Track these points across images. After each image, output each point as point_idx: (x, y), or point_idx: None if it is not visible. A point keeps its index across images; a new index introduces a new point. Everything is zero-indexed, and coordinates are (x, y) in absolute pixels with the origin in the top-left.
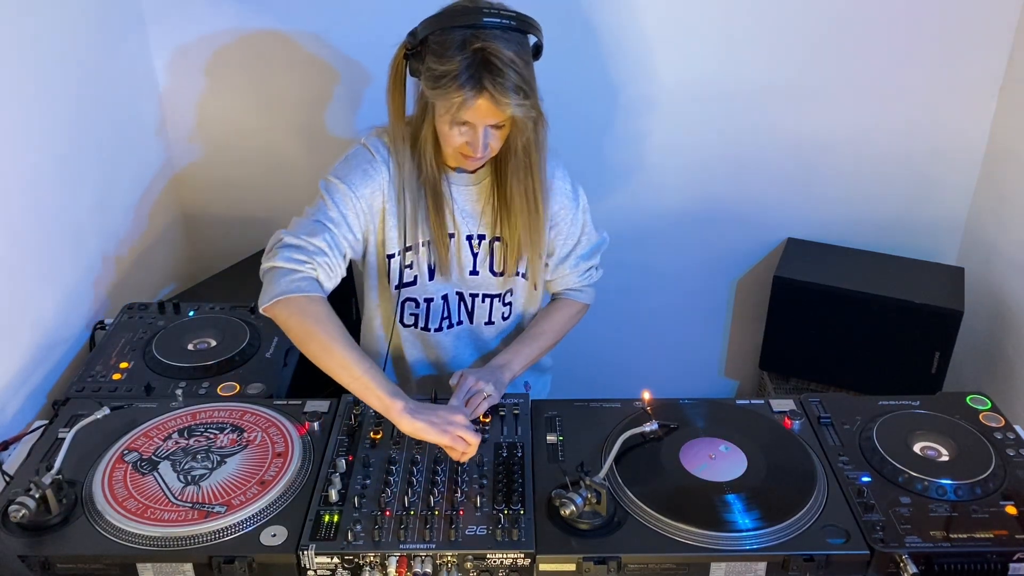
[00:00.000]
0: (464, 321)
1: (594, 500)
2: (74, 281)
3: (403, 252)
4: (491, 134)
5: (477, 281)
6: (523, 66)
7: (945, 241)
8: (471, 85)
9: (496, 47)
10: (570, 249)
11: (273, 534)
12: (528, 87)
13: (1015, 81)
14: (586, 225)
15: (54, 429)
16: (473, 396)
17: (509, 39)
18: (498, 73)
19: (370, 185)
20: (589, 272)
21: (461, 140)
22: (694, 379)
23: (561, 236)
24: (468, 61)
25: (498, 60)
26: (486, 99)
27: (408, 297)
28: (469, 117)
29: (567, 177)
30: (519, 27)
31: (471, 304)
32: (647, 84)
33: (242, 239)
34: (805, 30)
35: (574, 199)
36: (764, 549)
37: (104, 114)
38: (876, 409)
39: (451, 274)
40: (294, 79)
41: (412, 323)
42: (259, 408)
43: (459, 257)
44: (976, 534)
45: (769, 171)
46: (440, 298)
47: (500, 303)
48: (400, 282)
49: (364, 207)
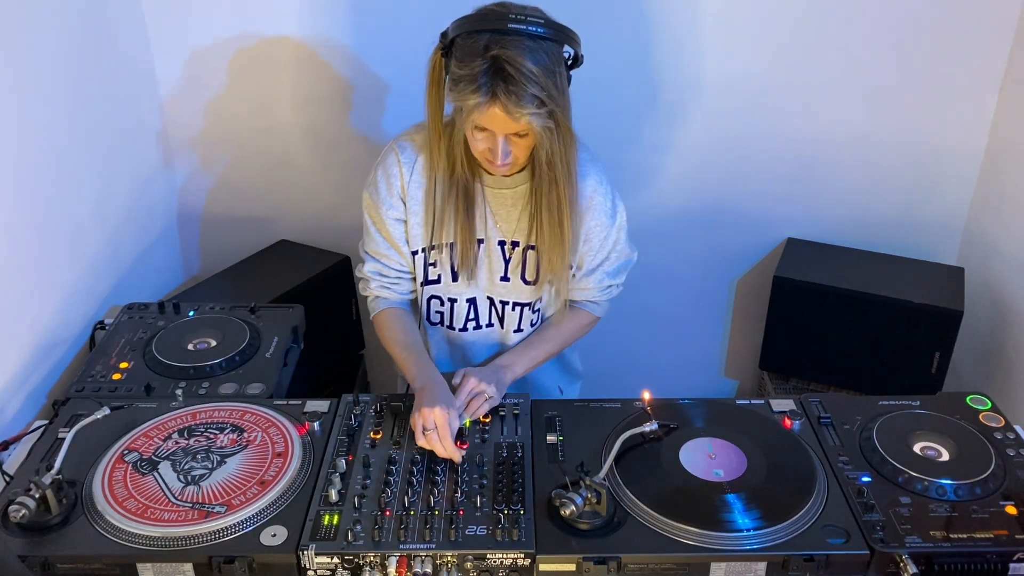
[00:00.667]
0: (495, 325)
1: (594, 500)
2: (74, 281)
3: (428, 250)
4: (513, 143)
5: (508, 288)
6: (544, 76)
7: (945, 241)
8: (484, 91)
9: (514, 55)
10: (598, 264)
11: (273, 534)
12: (549, 98)
13: (1015, 81)
14: (618, 243)
15: (54, 429)
16: (475, 398)
17: (534, 48)
18: (512, 82)
19: (393, 192)
20: (611, 288)
21: (483, 146)
22: (694, 379)
23: (592, 251)
24: (485, 67)
25: (513, 68)
26: (499, 108)
27: (433, 295)
28: (485, 124)
29: (608, 193)
30: (548, 35)
31: (502, 311)
32: (647, 84)
33: (242, 239)
34: (805, 30)
35: (611, 216)
36: (764, 549)
37: (104, 114)
38: (876, 409)
39: (477, 278)
40: (294, 79)
41: (439, 321)
42: (259, 408)
43: (489, 262)
44: (976, 534)
45: (769, 171)
46: (465, 300)
47: (530, 311)
48: (425, 279)
49: (395, 215)
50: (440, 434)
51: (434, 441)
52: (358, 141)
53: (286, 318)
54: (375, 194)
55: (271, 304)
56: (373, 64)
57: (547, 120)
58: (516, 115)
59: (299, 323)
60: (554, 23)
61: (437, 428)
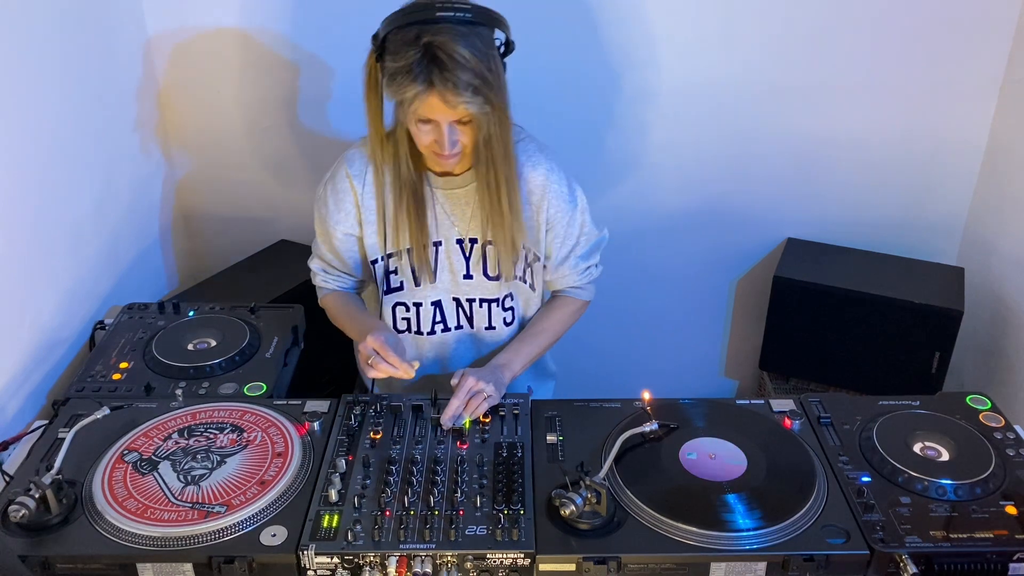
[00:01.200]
0: (464, 326)
1: (594, 500)
2: (74, 281)
3: (385, 258)
4: (457, 130)
5: (472, 285)
6: (477, 62)
7: (945, 241)
8: (421, 80)
9: (445, 41)
10: (569, 250)
11: (273, 534)
12: (484, 83)
13: (1015, 81)
14: (584, 225)
15: (54, 429)
16: (473, 397)
17: (465, 33)
18: (446, 69)
19: (343, 208)
20: (589, 270)
21: (429, 138)
22: (694, 379)
23: (559, 238)
24: (418, 56)
25: (446, 55)
26: (436, 96)
27: (397, 302)
28: (426, 113)
29: (563, 179)
30: (475, 20)
31: (469, 309)
32: (647, 83)
33: (242, 239)
34: (805, 30)
35: (571, 200)
36: (764, 549)
37: (104, 114)
38: (876, 409)
39: (438, 280)
40: (293, 79)
41: (405, 328)
42: (259, 408)
43: (450, 262)
44: (976, 534)
45: (769, 171)
46: (431, 303)
47: (500, 308)
48: (387, 287)
49: (346, 228)
50: (382, 355)
51: (381, 366)
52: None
53: (286, 318)
54: (323, 208)
55: (271, 304)
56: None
57: (484, 105)
58: (452, 103)
59: (299, 323)
60: (481, 8)
61: (377, 353)
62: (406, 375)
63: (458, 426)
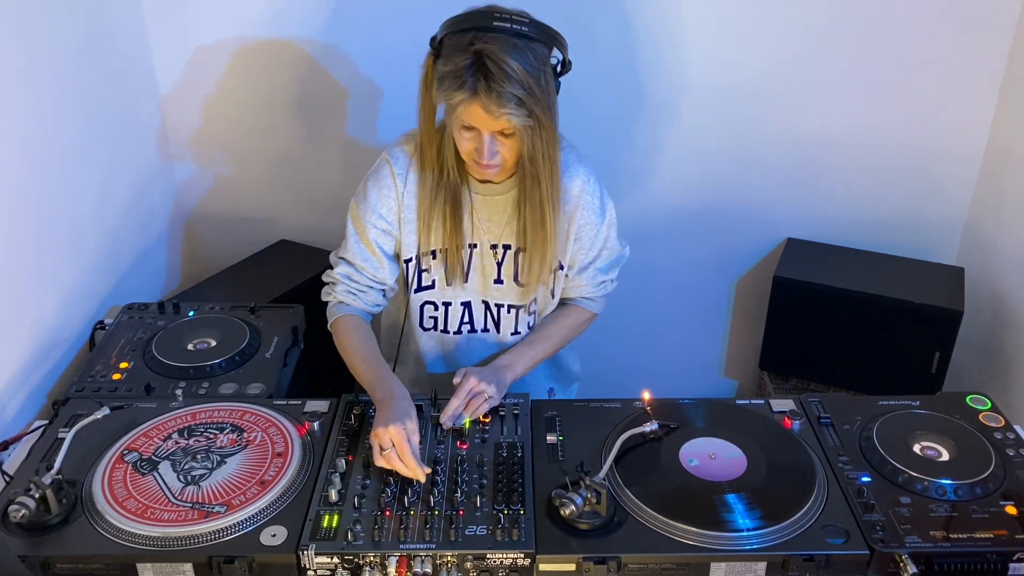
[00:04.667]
0: (491, 330)
1: (594, 500)
2: (74, 281)
3: (419, 257)
4: (498, 142)
5: (502, 290)
6: (526, 75)
7: (945, 241)
8: (467, 87)
9: (496, 51)
10: (590, 261)
11: (273, 534)
12: (530, 97)
13: (1015, 81)
14: (609, 239)
15: (54, 429)
16: (474, 397)
17: (519, 46)
18: (493, 79)
19: (385, 203)
20: (604, 284)
21: (470, 146)
22: (694, 379)
23: (583, 249)
24: (468, 62)
25: (495, 65)
26: (479, 105)
27: (427, 300)
28: (469, 120)
29: (596, 191)
30: (532, 35)
31: (497, 314)
32: (647, 84)
33: (242, 239)
34: (805, 29)
35: (600, 214)
36: (764, 549)
37: (104, 114)
38: (876, 409)
39: (468, 283)
40: (294, 79)
41: (432, 326)
42: (259, 408)
43: (482, 266)
44: (976, 534)
45: (769, 171)
46: (460, 304)
47: (526, 313)
48: (418, 286)
49: (385, 225)
50: (399, 452)
51: (394, 461)
52: (358, 141)
53: (286, 318)
54: (363, 203)
55: (271, 304)
56: (373, 65)
57: (527, 119)
58: (496, 112)
59: (299, 323)
60: (541, 24)
61: (395, 447)
62: (418, 478)
63: (458, 426)
